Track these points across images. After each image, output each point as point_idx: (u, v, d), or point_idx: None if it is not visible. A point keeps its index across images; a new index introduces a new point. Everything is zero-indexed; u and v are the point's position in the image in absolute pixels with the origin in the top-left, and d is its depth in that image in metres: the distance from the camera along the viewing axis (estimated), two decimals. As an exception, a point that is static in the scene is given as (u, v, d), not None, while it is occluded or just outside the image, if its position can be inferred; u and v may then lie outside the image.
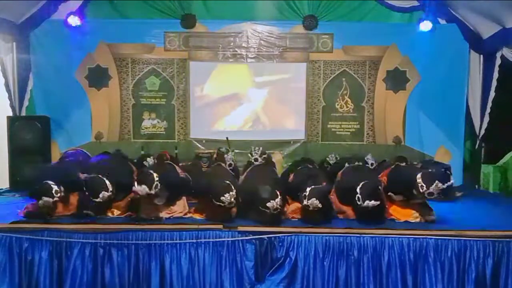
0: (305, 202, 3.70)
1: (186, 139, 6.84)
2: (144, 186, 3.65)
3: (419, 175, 3.76)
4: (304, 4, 6.60)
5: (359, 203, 3.72)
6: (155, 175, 3.76)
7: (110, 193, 3.81)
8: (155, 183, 3.71)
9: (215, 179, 3.99)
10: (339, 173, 4.45)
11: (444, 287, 3.52)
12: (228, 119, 6.90)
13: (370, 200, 3.67)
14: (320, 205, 3.67)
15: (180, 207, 4.09)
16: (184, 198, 4.17)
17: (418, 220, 3.95)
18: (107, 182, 3.81)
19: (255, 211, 3.80)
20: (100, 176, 3.85)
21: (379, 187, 3.94)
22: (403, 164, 4.85)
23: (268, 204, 3.60)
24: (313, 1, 6.56)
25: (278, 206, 3.66)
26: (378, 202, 3.72)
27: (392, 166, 4.42)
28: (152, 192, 3.72)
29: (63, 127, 6.58)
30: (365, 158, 5.37)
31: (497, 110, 6.22)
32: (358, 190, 3.75)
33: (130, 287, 3.60)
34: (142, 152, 5.99)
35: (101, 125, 6.77)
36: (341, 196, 4.14)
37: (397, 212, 4.02)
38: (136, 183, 3.70)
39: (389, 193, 4.03)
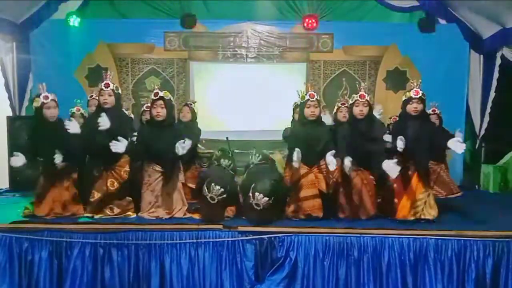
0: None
1: (186, 139, 6.83)
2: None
3: None
4: (304, 4, 6.61)
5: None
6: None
7: None
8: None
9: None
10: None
11: (444, 287, 3.51)
12: (229, 119, 6.90)
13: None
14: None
15: (179, 202, 4.04)
16: (182, 193, 4.09)
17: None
18: None
19: (246, 206, 3.78)
20: None
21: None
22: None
23: (256, 195, 3.60)
24: (313, 0, 6.57)
25: (261, 201, 3.61)
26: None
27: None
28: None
29: (63, 127, 6.58)
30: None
31: (497, 110, 6.23)
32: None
33: (130, 287, 3.59)
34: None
35: (101, 125, 6.76)
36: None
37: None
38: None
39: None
